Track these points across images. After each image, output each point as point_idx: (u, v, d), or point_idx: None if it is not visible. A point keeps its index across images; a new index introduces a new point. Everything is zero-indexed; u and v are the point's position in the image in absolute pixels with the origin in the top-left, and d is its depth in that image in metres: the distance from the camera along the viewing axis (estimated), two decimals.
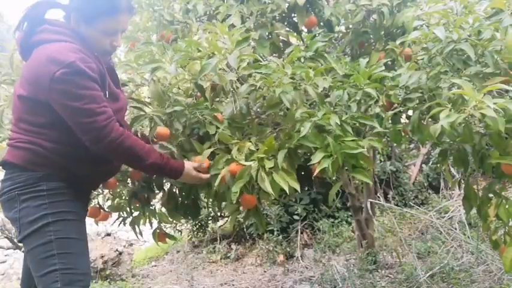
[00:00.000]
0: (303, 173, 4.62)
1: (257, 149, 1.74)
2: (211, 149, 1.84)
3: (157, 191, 2.17)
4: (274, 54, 2.45)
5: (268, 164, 1.62)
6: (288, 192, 1.60)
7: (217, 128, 1.83)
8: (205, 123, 1.87)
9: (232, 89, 1.90)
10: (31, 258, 1.56)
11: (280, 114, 1.86)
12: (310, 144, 1.64)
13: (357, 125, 1.69)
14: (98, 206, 2.16)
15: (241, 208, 1.90)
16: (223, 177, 1.70)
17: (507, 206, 1.83)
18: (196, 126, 1.91)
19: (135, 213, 2.19)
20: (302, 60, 2.00)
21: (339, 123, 1.61)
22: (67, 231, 1.56)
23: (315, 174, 1.61)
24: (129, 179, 2.13)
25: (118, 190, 2.16)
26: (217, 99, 1.96)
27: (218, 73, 1.81)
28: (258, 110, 1.94)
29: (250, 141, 1.75)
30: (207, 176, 1.80)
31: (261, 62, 1.89)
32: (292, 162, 1.72)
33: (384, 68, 1.91)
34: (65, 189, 1.59)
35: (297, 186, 1.63)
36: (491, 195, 1.89)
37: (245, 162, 1.65)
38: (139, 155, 1.62)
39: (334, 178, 1.66)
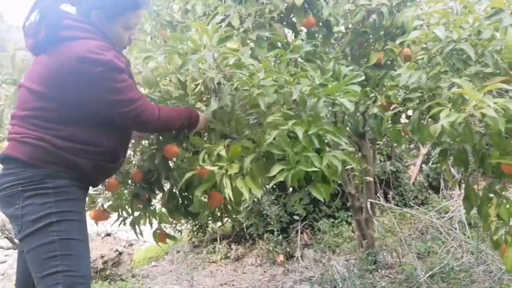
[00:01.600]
0: None
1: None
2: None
3: (157, 192, 2.17)
4: None
5: (233, 169, 1.68)
6: (247, 198, 1.67)
7: None
8: None
9: (215, 87, 1.90)
10: (32, 258, 1.53)
11: (262, 115, 1.88)
12: (276, 151, 1.69)
13: (328, 138, 1.71)
14: (101, 208, 2.14)
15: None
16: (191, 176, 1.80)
17: (507, 206, 1.82)
18: None
19: (136, 214, 2.18)
20: (299, 60, 2.00)
21: (304, 136, 1.64)
22: (70, 231, 1.53)
23: (272, 182, 1.68)
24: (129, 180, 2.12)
25: (118, 191, 2.15)
26: (204, 97, 1.98)
27: (199, 71, 1.84)
28: (247, 108, 1.95)
29: (223, 146, 1.80)
30: None
31: (244, 61, 1.89)
32: (266, 165, 1.76)
33: (363, 77, 1.89)
34: (70, 188, 1.57)
35: (258, 193, 1.69)
36: (491, 195, 1.89)
37: (210, 167, 1.71)
38: (173, 123, 1.79)
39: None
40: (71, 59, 1.51)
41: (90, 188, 1.80)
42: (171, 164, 2.12)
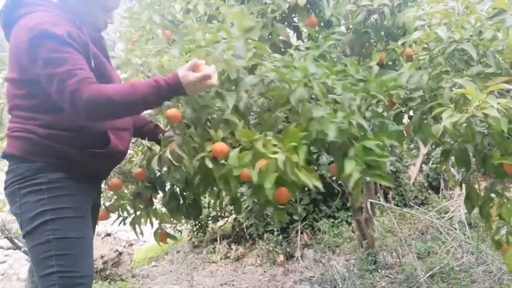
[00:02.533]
0: None
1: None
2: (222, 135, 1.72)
3: (160, 191, 2.16)
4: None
5: (295, 158, 1.51)
6: (312, 188, 1.53)
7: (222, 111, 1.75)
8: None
9: (237, 78, 1.78)
10: (31, 257, 1.50)
11: (288, 112, 1.81)
12: (333, 139, 1.57)
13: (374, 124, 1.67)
14: (105, 208, 2.12)
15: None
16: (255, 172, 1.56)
17: (509, 206, 1.83)
18: (206, 111, 1.80)
19: (137, 213, 2.18)
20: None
21: (365, 124, 1.57)
22: (66, 230, 1.46)
23: (334, 175, 1.60)
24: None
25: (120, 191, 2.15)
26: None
27: (226, 59, 1.69)
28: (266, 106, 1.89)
29: (269, 137, 1.62)
30: (214, 81, 1.53)
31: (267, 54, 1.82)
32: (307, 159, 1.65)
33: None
34: (65, 182, 1.49)
35: (320, 185, 1.54)
36: (493, 195, 1.89)
37: (273, 155, 1.52)
38: (124, 103, 1.42)
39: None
40: (17, 35, 1.45)
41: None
42: None
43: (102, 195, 2.11)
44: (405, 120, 2.05)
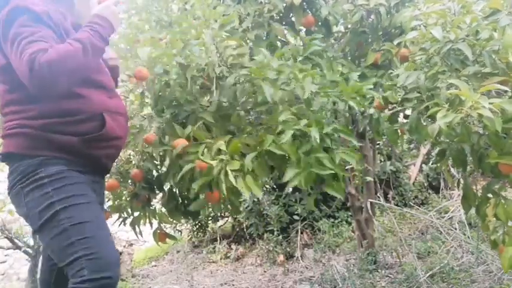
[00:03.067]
0: None
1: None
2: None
3: (157, 191, 2.17)
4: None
5: (234, 166, 1.64)
6: (247, 198, 1.68)
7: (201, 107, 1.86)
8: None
9: (217, 77, 1.85)
10: (51, 251, 1.46)
11: (266, 113, 1.85)
12: (278, 151, 1.65)
13: (337, 136, 1.70)
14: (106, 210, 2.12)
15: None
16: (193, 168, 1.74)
17: (505, 206, 1.82)
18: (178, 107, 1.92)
19: (136, 214, 2.18)
20: (299, 59, 1.99)
21: (317, 137, 1.60)
22: (80, 215, 1.42)
23: (288, 186, 1.67)
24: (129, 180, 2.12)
25: (118, 191, 2.15)
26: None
27: (200, 55, 1.78)
28: (249, 108, 1.92)
29: (223, 141, 1.74)
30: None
31: (247, 51, 1.88)
32: (268, 164, 1.74)
33: (373, 81, 1.93)
34: (66, 174, 1.45)
35: (259, 194, 1.67)
36: (489, 195, 1.88)
37: (209, 161, 1.66)
38: (76, 57, 1.40)
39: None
40: None
41: None
42: None
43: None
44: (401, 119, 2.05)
